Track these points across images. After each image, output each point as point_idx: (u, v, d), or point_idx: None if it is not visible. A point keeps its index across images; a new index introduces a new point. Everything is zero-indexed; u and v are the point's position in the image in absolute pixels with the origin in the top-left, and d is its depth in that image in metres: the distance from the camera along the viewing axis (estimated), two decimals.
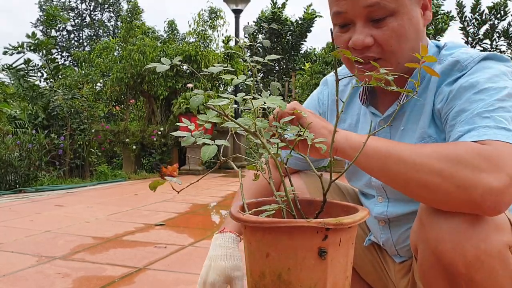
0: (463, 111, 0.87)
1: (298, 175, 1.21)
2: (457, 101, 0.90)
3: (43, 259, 2.17)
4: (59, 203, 4.02)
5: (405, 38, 0.95)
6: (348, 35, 0.98)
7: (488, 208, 0.76)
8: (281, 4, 11.49)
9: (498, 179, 0.74)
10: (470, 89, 0.89)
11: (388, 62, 0.96)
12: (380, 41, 0.95)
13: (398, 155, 0.82)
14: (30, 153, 6.20)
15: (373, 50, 0.96)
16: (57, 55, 18.10)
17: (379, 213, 1.11)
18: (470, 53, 0.96)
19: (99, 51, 8.62)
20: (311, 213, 0.87)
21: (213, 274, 1.01)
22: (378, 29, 0.95)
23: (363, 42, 0.95)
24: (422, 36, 1.00)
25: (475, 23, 9.38)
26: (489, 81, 0.89)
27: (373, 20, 0.95)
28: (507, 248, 0.81)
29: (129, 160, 7.63)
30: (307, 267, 0.74)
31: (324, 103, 1.23)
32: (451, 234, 0.79)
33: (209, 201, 4.23)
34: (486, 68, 0.92)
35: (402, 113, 1.03)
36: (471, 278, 0.80)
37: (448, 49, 1.02)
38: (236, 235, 1.09)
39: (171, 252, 2.35)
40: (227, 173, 7.04)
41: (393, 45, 0.95)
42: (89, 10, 20.51)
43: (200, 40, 8.16)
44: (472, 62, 0.94)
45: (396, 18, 0.94)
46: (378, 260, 1.22)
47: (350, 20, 0.97)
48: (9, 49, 8.39)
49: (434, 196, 0.79)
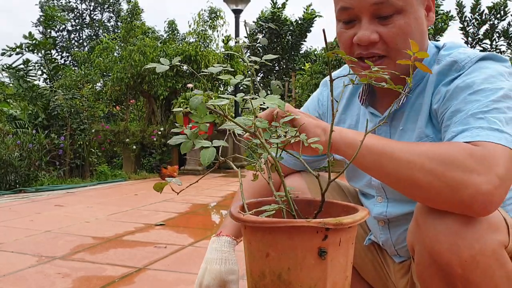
0: (458, 111, 0.87)
1: (300, 175, 1.21)
2: (453, 101, 0.90)
3: (43, 259, 2.17)
4: (59, 203, 4.02)
5: (411, 37, 0.94)
6: (353, 31, 0.98)
7: (477, 209, 0.77)
8: (281, 4, 11.49)
9: (488, 180, 0.75)
10: (466, 90, 0.89)
11: (392, 60, 0.96)
12: (386, 38, 0.95)
13: (391, 152, 0.82)
14: (30, 153, 6.20)
15: (378, 47, 0.96)
16: (57, 55, 18.09)
17: (379, 213, 1.11)
18: (468, 53, 0.96)
19: (99, 51, 8.62)
20: (311, 213, 0.87)
21: (208, 277, 1.03)
22: (384, 26, 0.95)
23: (369, 38, 0.94)
24: (425, 37, 1.00)
25: (475, 23, 9.38)
26: (485, 81, 0.89)
27: (380, 17, 0.95)
28: (503, 248, 0.81)
29: (129, 160, 7.63)
30: (307, 267, 0.74)
31: (324, 104, 1.23)
32: (446, 235, 0.80)
33: (209, 201, 4.23)
34: (483, 68, 0.92)
35: (401, 113, 1.03)
36: (467, 278, 0.80)
37: (447, 49, 1.02)
38: (232, 238, 1.11)
39: (171, 252, 2.35)
40: (227, 173, 7.04)
41: (399, 43, 0.95)
42: (89, 10, 20.52)
43: (200, 40, 8.16)
44: (470, 62, 0.94)
45: (403, 16, 0.94)
46: (378, 259, 1.22)
47: (356, 16, 0.97)
48: (7, 50, 8.39)
49: (426, 194, 0.80)
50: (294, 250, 0.74)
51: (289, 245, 0.74)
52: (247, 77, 0.83)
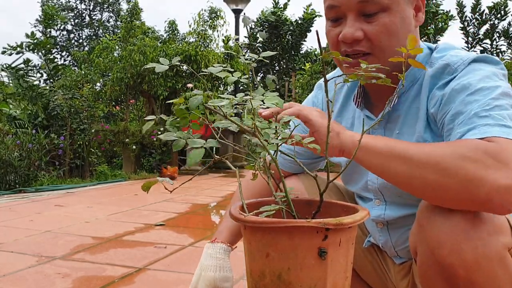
0: (460, 114, 0.86)
1: (297, 177, 1.21)
2: (451, 105, 0.89)
3: (43, 259, 2.17)
4: (59, 203, 4.02)
5: (395, 35, 0.94)
6: (339, 29, 0.98)
7: (496, 206, 0.74)
8: (283, 4, 11.49)
9: (506, 175, 0.73)
10: (463, 91, 0.88)
11: (376, 58, 0.95)
12: (370, 35, 0.95)
13: (402, 153, 0.81)
14: (30, 153, 6.19)
15: (363, 45, 0.96)
16: (56, 54, 18.09)
17: (377, 216, 1.11)
18: (460, 55, 0.96)
19: (99, 51, 8.61)
20: (311, 214, 0.87)
21: (202, 284, 1.04)
22: (369, 24, 0.95)
23: (353, 36, 0.95)
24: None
25: (475, 23, 9.38)
26: (481, 81, 0.88)
27: (365, 14, 0.95)
28: (506, 250, 0.80)
29: (129, 160, 7.62)
30: (307, 267, 0.74)
31: (319, 107, 1.22)
32: (449, 237, 0.79)
33: (209, 201, 4.23)
34: (477, 70, 0.91)
35: (397, 117, 1.03)
36: (470, 280, 0.79)
37: (439, 51, 1.01)
38: (227, 245, 1.12)
39: (171, 252, 2.35)
40: (227, 173, 7.04)
41: (383, 41, 0.94)
42: (88, 10, 20.50)
43: (200, 40, 8.16)
44: (462, 65, 0.93)
45: (388, 14, 0.94)
46: (378, 261, 1.22)
47: (342, 14, 0.97)
48: (8, 49, 8.39)
49: (439, 193, 0.78)
50: (294, 250, 0.73)
51: (289, 245, 0.74)
52: (243, 75, 0.83)
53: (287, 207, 0.83)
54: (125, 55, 7.87)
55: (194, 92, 0.77)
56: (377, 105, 1.08)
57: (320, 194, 0.84)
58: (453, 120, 0.87)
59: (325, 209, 0.86)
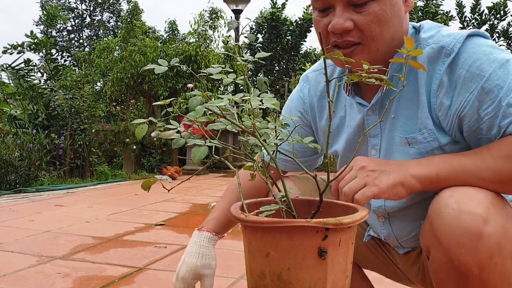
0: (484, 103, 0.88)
1: (288, 179, 1.20)
2: (466, 94, 0.89)
3: (43, 259, 2.18)
4: (59, 203, 4.02)
5: (386, 23, 0.93)
6: (327, 19, 0.96)
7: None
8: (281, 4, 11.49)
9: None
10: (475, 79, 0.88)
11: (367, 48, 0.94)
12: (361, 25, 0.93)
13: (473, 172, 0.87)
14: (30, 153, 6.20)
15: (353, 35, 0.94)
16: (57, 55, 18.08)
17: (377, 207, 1.09)
18: (452, 34, 0.94)
19: (99, 52, 8.62)
20: (310, 213, 0.87)
21: (184, 269, 1.08)
22: (358, 14, 0.93)
23: (343, 26, 0.93)
24: (403, 22, 0.98)
25: (475, 23, 9.39)
26: (488, 62, 0.88)
27: (354, 4, 0.93)
28: None
29: (129, 160, 7.63)
30: (307, 267, 0.74)
31: (306, 101, 1.20)
32: (463, 236, 0.79)
33: (209, 201, 4.23)
34: (476, 47, 0.91)
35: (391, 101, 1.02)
36: (484, 279, 0.79)
37: (426, 30, 0.99)
38: (213, 234, 1.15)
39: (171, 252, 2.35)
40: (228, 173, 7.05)
41: (373, 30, 0.93)
42: (89, 10, 20.51)
43: (201, 41, 8.17)
44: (458, 43, 0.92)
45: (378, 3, 0.92)
46: (381, 252, 1.21)
47: (330, 4, 0.95)
48: (8, 48, 8.39)
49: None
50: (294, 250, 0.74)
51: (289, 245, 0.74)
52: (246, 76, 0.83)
53: (287, 207, 0.84)
54: (126, 55, 7.87)
55: (194, 92, 0.77)
56: (367, 90, 1.06)
57: (320, 194, 0.84)
58: (478, 111, 0.89)
59: (325, 209, 0.86)
